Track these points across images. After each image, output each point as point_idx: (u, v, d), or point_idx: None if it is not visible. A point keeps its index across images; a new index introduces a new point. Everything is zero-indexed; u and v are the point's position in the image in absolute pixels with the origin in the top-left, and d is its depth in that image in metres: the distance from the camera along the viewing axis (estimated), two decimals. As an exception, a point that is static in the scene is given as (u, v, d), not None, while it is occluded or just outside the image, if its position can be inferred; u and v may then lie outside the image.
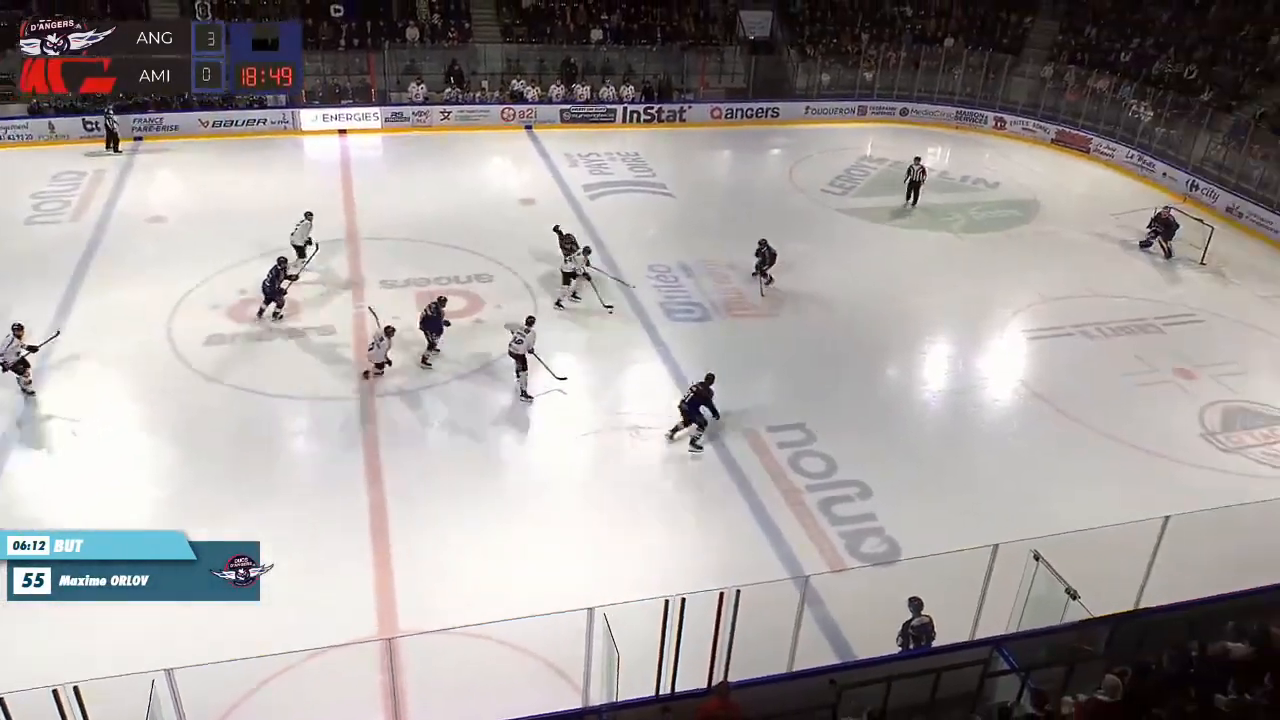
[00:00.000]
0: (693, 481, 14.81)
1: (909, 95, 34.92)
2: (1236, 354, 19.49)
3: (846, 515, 14.06)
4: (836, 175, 28.72)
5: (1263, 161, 27.57)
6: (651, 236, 23.51)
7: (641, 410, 16.34)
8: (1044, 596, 10.55)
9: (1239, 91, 30.55)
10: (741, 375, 17.69)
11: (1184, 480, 15.28)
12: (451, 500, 13.91)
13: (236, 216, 22.84)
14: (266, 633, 10.08)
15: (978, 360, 19.22)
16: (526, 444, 15.69)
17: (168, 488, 13.99)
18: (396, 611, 11.95)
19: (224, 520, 12.43)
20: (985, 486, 15.02)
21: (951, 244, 24.44)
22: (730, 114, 33.29)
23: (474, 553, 12.91)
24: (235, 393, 16.22)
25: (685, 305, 20.04)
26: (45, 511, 13.21)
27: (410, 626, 11.41)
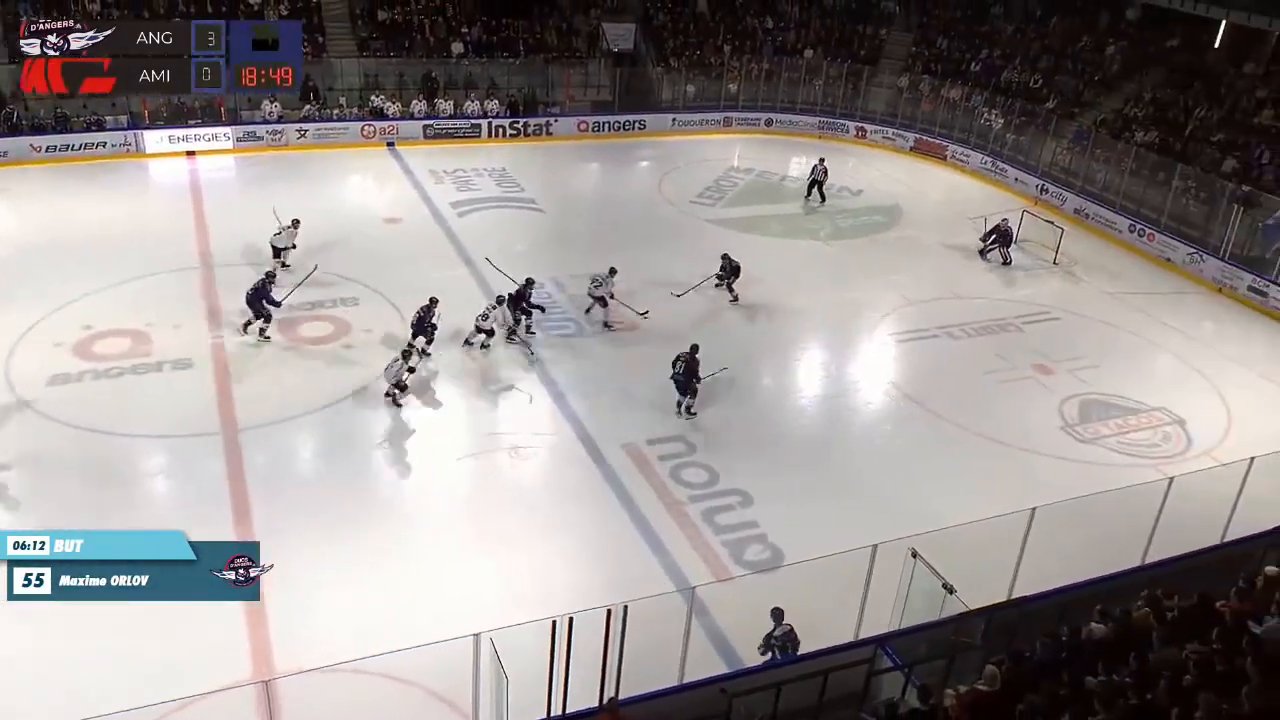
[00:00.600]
0: (575, 498, 14.86)
1: (773, 106, 35.92)
2: (1089, 349, 20.72)
3: (729, 524, 14.34)
4: (705, 186, 29.30)
5: (1105, 165, 29.43)
6: (522, 252, 23.51)
7: (520, 429, 16.32)
8: (923, 593, 11.01)
9: (1080, 99, 32.56)
10: (619, 389, 17.87)
11: (1047, 472, 16.15)
12: (325, 533, 13.59)
13: (79, 247, 21.76)
14: (136, 682, 9.67)
15: (849, 364, 19.90)
16: (402, 471, 15.47)
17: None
18: (271, 652, 11.60)
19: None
20: (863, 488, 15.56)
21: (820, 251, 25.25)
22: (597, 127, 33.60)
23: (351, 585, 12.64)
24: (85, 435, 15.46)
25: (560, 321, 20.11)
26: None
27: (287, 666, 11.08)
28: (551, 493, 15.03)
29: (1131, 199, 28.15)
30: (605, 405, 17.26)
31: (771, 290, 22.23)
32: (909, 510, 14.24)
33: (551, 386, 17.67)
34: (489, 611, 10.96)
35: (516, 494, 14.92)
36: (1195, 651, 9.17)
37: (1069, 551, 13.10)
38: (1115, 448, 17.18)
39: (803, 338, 20.46)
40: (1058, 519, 12.27)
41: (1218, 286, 24.71)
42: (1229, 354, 21.07)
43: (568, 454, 15.85)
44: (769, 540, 14.03)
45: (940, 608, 10.74)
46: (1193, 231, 26.43)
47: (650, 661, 10.36)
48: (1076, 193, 29.12)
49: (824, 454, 16.58)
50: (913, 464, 16.38)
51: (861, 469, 16.25)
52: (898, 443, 17.20)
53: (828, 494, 15.28)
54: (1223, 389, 19.32)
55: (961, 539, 11.69)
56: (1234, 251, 25.14)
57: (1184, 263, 25.59)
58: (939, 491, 15.34)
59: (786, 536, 14.03)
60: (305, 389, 16.93)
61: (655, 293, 21.32)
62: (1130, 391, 18.92)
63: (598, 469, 15.50)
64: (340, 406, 16.63)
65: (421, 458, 15.62)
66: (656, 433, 16.46)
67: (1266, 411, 18.77)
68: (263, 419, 16.04)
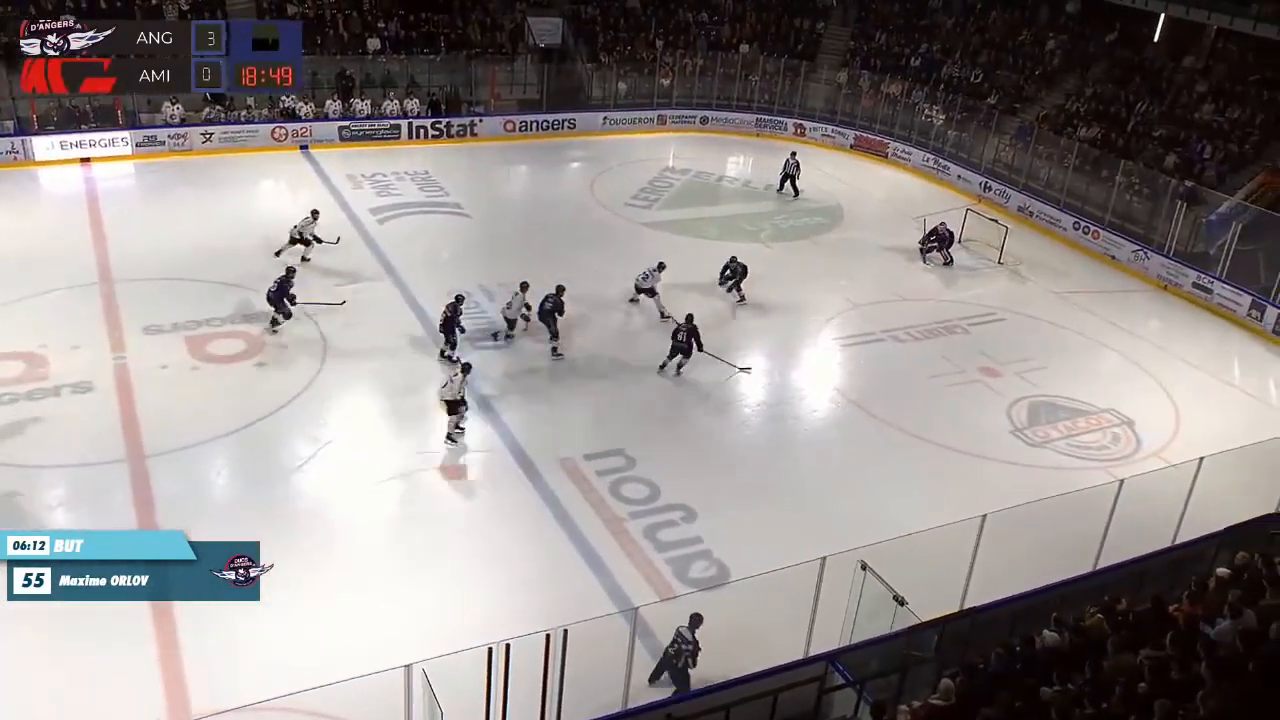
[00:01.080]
0: (511, 518, 14.81)
1: (708, 103, 36.25)
2: (1036, 350, 21.25)
3: (672, 540, 14.42)
4: (640, 187, 29.46)
5: (1047, 162, 30.23)
6: (448, 260, 23.40)
7: (450, 446, 16.22)
8: (874, 605, 11.18)
9: (1022, 94, 33.42)
10: (554, 401, 17.88)
11: (997, 477, 16.52)
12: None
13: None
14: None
15: (793, 371, 20.15)
16: (324, 496, 15.24)
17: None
18: (188, 693, 11.37)
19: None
20: (810, 499, 15.76)
21: (760, 254, 25.49)
22: (524, 126, 33.58)
23: (273, 619, 12.40)
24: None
25: (489, 330, 20.04)
26: None
27: (205, 708, 10.87)
28: (485, 513, 14.97)
29: (1075, 196, 28.95)
30: (540, 420, 17.25)
31: (710, 295, 22.41)
32: (857, 520, 14.48)
33: (481, 401, 17.59)
34: (421, 641, 10.86)
35: (448, 515, 14.82)
36: (1150, 656, 9.45)
37: (1021, 558, 13.42)
38: (1065, 451, 17.63)
39: (744, 343, 20.65)
40: (1009, 525, 12.56)
41: (1163, 284, 25.50)
42: (1176, 352, 21.76)
43: (501, 472, 15.80)
44: (714, 556, 14.13)
45: (892, 621, 10.92)
46: (1137, 228, 27.27)
47: (592, 687, 10.39)
48: (1020, 190, 29.85)
49: (769, 465, 16.75)
50: (860, 472, 16.63)
51: (808, 479, 16.45)
52: (844, 451, 17.44)
53: (773, 506, 15.45)
54: (1170, 388, 19.95)
55: (911, 549, 11.92)
56: (1178, 248, 26.00)
57: (1129, 260, 26.37)
58: (887, 500, 15.60)
59: (732, 552, 14.15)
60: (217, 411, 16.63)
61: (590, 299, 21.38)
62: (1078, 393, 19.44)
63: (533, 487, 15.47)
64: (256, 429, 16.37)
65: (344, 481, 15.43)
66: (594, 447, 16.49)
67: (1214, 409, 19.43)
68: (172, 444, 15.71)
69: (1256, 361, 22.21)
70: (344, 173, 28.55)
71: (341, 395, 17.47)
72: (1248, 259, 24.38)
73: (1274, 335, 22.78)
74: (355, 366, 18.31)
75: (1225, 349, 22.60)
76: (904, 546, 11.77)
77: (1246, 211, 25.39)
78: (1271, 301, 23.02)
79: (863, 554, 11.17)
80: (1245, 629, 9.76)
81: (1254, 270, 24.27)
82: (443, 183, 28.40)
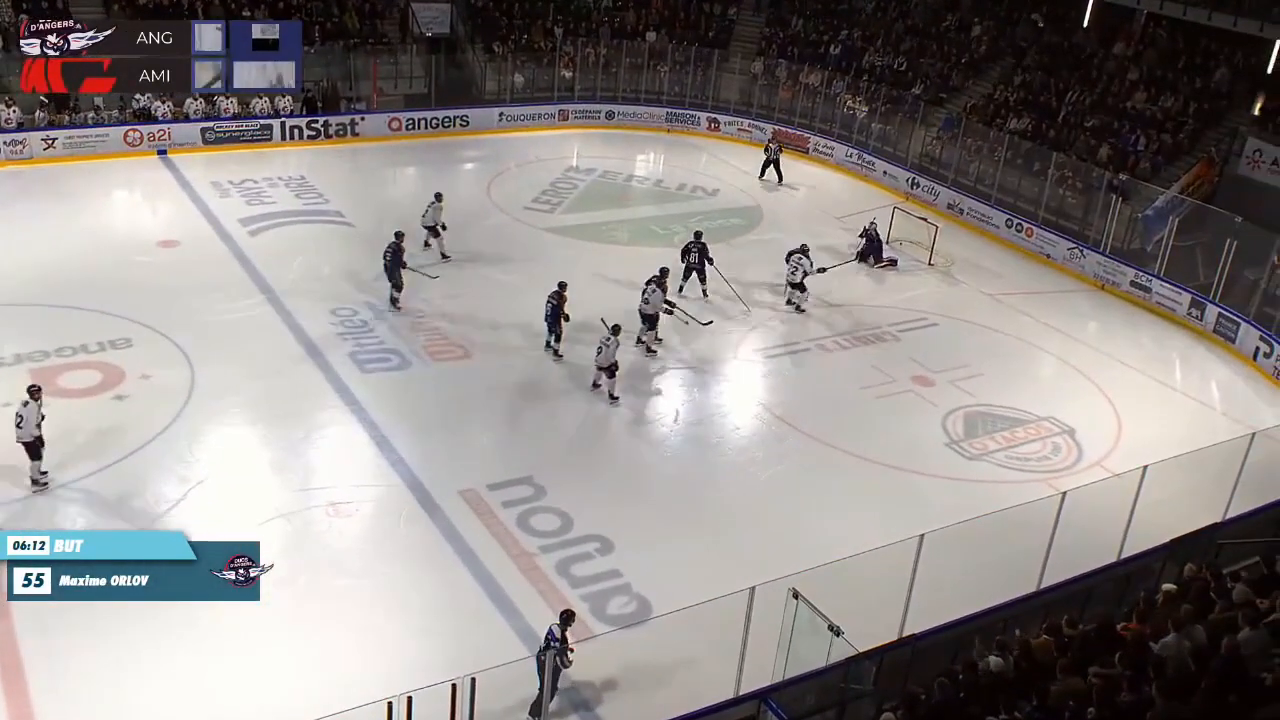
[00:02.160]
0: (408, 558, 14.70)
1: (614, 96, 36.53)
2: (971, 356, 21.87)
3: (588, 575, 14.47)
4: (541, 190, 29.55)
5: (977, 155, 31.16)
6: (329, 274, 23.15)
7: (338, 481, 16.05)
8: (808, 637, 11.38)
9: (948, 84, 34.40)
10: (454, 428, 17.82)
11: (934, 494, 16.96)
12: (105, 618, 12.97)
13: None
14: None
15: (713, 386, 20.38)
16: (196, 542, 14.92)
17: None
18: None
19: None
20: (736, 524, 15.95)
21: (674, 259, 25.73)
22: (412, 124, 33.41)
23: (144, 681, 12.16)
24: None
25: (379, 353, 19.88)
26: None
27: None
28: (380, 554, 14.82)
29: (1007, 191, 29.91)
30: (437, 448, 17.17)
31: (620, 303, 22.53)
32: (788, 546, 14.72)
33: (373, 430, 17.45)
34: (312, 697, 10.74)
35: (338, 558, 14.65)
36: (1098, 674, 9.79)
37: (961, 579, 13.81)
38: (1004, 463, 18.17)
39: (658, 357, 20.82)
40: (948, 545, 12.90)
41: (1100, 283, 26.46)
42: (1115, 354, 22.59)
43: (396, 507, 15.68)
44: (634, 590, 14.22)
45: (827, 652, 11.13)
46: (1071, 225, 28.28)
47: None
48: (949, 186, 30.72)
49: (691, 489, 16.92)
50: (788, 494, 16.90)
51: (732, 503, 16.65)
52: (771, 471, 17.71)
53: (697, 533, 15.61)
54: (1110, 393, 20.70)
55: (846, 574, 12.18)
56: (1114, 245, 27.03)
57: (1064, 259, 27.31)
58: (819, 523, 15.89)
59: (653, 585, 14.25)
60: (70, 449, 16.17)
61: (488, 315, 21.36)
62: (1016, 401, 20.05)
63: (432, 522, 15.39)
64: (115, 470, 15.95)
65: (219, 524, 15.06)
66: (498, 476, 16.46)
67: (1155, 413, 20.23)
68: (14, 493, 15.23)
69: (1198, 363, 23.17)
70: (208, 179, 28.03)
71: (213, 429, 17.14)
72: (1186, 255, 25.47)
73: (1215, 335, 23.78)
74: (227, 396, 17.99)
75: (1165, 351, 23.54)
76: (838, 572, 12.03)
77: (1183, 205, 26.54)
78: (1211, 300, 24.03)
79: (794, 582, 11.36)
80: (1195, 645, 10.18)
81: (1192, 267, 25.36)
82: (321, 189, 28.08)
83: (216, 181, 27.95)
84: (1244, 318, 23.23)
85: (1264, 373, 22.06)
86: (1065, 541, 13.94)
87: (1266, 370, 22.01)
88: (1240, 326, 23.18)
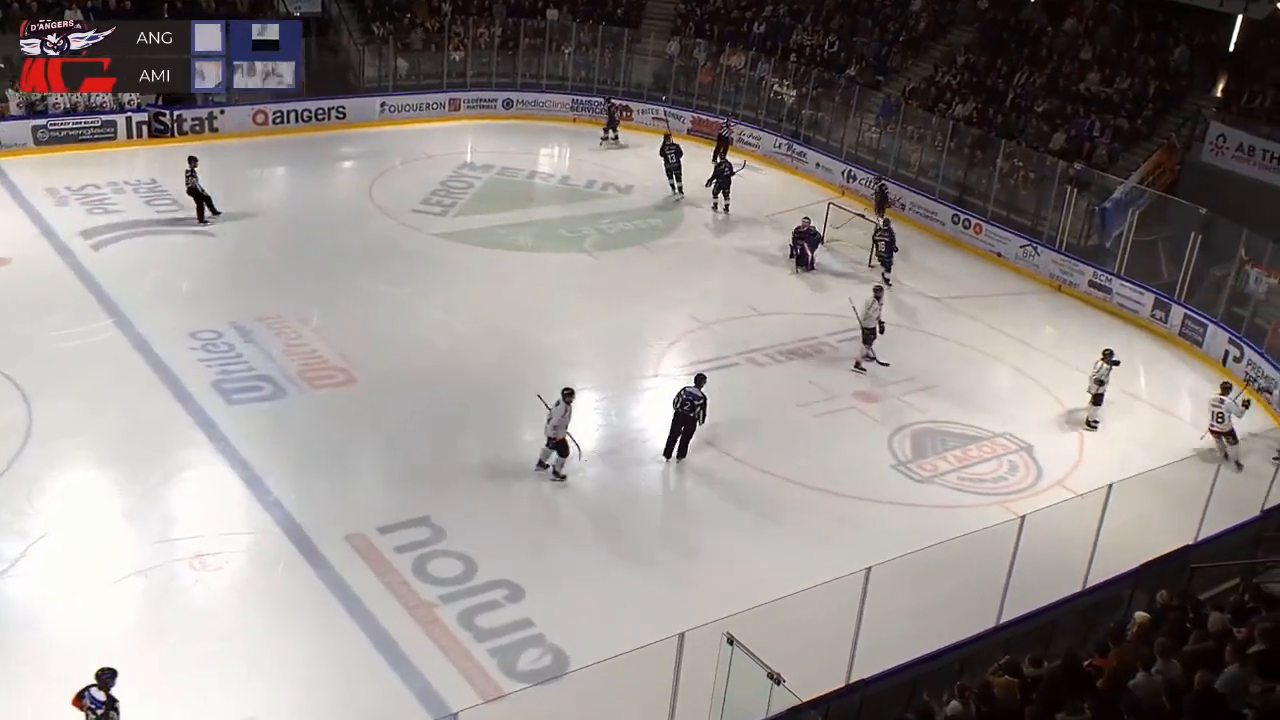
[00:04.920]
0: (289, 614, 14.55)
1: (512, 83, 36.61)
2: (917, 368, 22.33)
3: (496, 626, 14.45)
4: (432, 190, 29.51)
5: (919, 144, 31.77)
6: (187, 292, 22.84)
7: (204, 530, 15.83)
8: (745, 686, 11.48)
9: (885, 65, 35.08)
10: (338, 464, 17.68)
11: (881, 522, 17.26)
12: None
13: None
14: None
15: (633, 408, 20.50)
16: (41, 606, 14.57)
17: None
18: None
19: None
20: (661, 562, 16.08)
21: (585, 265, 25.91)
22: (279, 118, 33.08)
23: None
24: None
25: (248, 381, 19.67)
26: None
27: None
28: (255, 611, 14.64)
29: (953, 184, 30.57)
30: (318, 487, 17.02)
31: (525, 318, 22.64)
32: (719, 585, 14.89)
33: (243, 469, 17.24)
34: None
35: (206, 618, 14.42)
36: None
37: (914, 616, 14.11)
38: (957, 485, 18.57)
39: (568, 377, 20.80)
40: (898, 578, 13.15)
41: (1057, 284, 27.19)
42: (1074, 363, 23.10)
43: (273, 556, 15.51)
44: (548, 641, 14.23)
45: (768, 703, 11.23)
46: (1024, 220, 29.02)
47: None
48: (889, 178, 31.26)
49: (609, 525, 17.00)
50: (719, 527, 17.06)
51: (658, 538, 16.78)
52: (700, 502, 17.86)
53: (618, 573, 15.69)
54: (1071, 405, 21.23)
55: (785, 614, 12.35)
56: (1071, 242, 27.80)
57: (1017, 257, 28.01)
58: (753, 558, 16.07)
59: (570, 634, 14.28)
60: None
61: (375, 333, 21.26)
62: (968, 416, 20.51)
63: (315, 572, 15.24)
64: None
65: (68, 584, 14.82)
66: (391, 517, 16.37)
67: (1120, 427, 20.81)
68: None
69: (1163, 369, 23.91)
70: (42, 186, 27.44)
71: (55, 475, 16.78)
72: (1148, 251, 26.27)
73: (1181, 338, 24.57)
74: (71, 436, 17.65)
75: (1128, 357, 24.06)
76: (776, 612, 12.18)
77: (1143, 196, 27.37)
78: (1176, 300, 24.80)
79: (728, 625, 11.45)
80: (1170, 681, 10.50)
81: (1155, 264, 26.16)
82: (176, 194, 27.59)
83: (52, 188, 27.39)
84: (1211, 319, 24.01)
85: (1235, 378, 22.78)
86: (1026, 570, 14.25)
87: (1238, 376, 22.68)
88: (1208, 328, 23.96)
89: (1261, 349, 22.71)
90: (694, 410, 18.11)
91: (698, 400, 18.08)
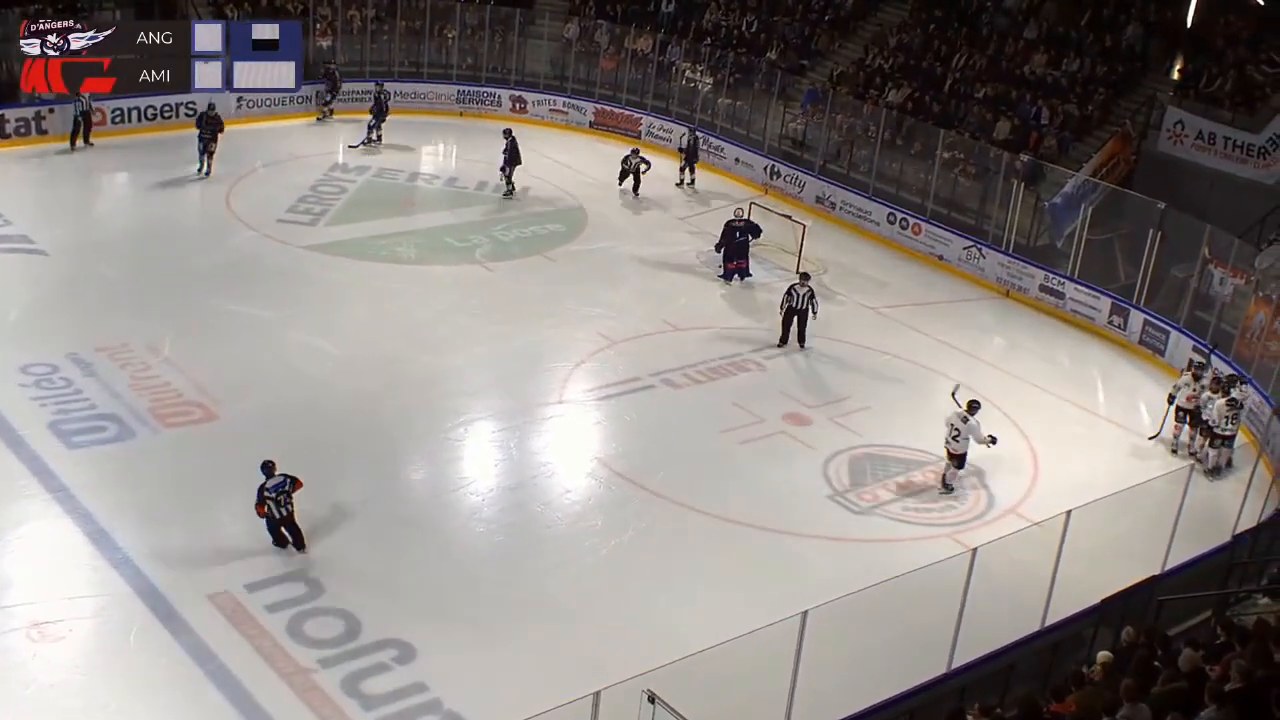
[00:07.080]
0: (146, 686, 14.35)
1: (388, 73, 36.43)
2: (853, 386, 22.68)
3: (384, 691, 14.39)
4: (299, 196, 29.36)
5: (849, 136, 32.20)
6: (15, 321, 22.47)
7: (42, 594, 15.59)
8: (669, 749, 11.59)
9: (810, 47, 35.54)
10: (197, 513, 17.50)
11: (817, 559, 17.50)
12: None
13: None
14: None
15: (535, 438, 20.53)
16: None
17: None
18: None
19: None
20: (572, 612, 16.09)
21: (477, 278, 25.92)
22: (119, 116, 32.62)
23: None
24: None
25: (90, 421, 19.37)
26: None
27: None
28: (105, 686, 14.43)
29: (887, 179, 31.05)
30: (176, 541, 16.81)
31: (410, 341, 22.57)
32: (638, 637, 14.97)
33: (87, 523, 16.96)
34: None
35: (47, 695, 14.19)
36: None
37: (856, 663, 14.33)
38: (900, 515, 18.86)
39: (460, 407, 20.90)
40: (836, 621, 13.34)
41: (1004, 289, 27.75)
42: (1026, 376, 23.66)
43: (124, 621, 15.28)
44: (445, 708, 14.20)
45: (695, 767, 11.35)
46: (967, 219, 29.56)
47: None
48: (817, 174, 31.73)
49: (512, 572, 17.00)
50: (636, 571, 17.16)
51: (567, 586, 16.79)
52: (614, 542, 17.90)
53: (522, 628, 15.68)
54: (1023, 423, 21.66)
55: (713, 667, 12.45)
56: (1019, 242, 28.37)
57: (960, 260, 28.53)
58: (676, 605, 16.17)
59: (470, 698, 14.27)
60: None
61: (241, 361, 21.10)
62: (911, 438, 20.79)
63: (174, 639, 15.05)
64: None
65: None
66: (260, 572, 16.24)
67: (1077, 447, 21.31)
68: None
69: (1123, 381, 24.50)
70: None
71: None
72: (1103, 250, 26.88)
73: (1141, 347, 25.18)
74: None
75: (1085, 368, 24.82)
76: (702, 665, 12.27)
77: (1096, 190, 27.97)
78: (1135, 304, 25.42)
79: (649, 681, 11.53)
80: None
81: (1111, 265, 26.79)
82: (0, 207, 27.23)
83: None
84: (1174, 325, 24.59)
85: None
86: (979, 609, 14.47)
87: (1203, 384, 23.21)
88: (1170, 335, 24.53)
89: (1229, 357, 23.07)
90: (803, 303, 23.13)
91: (802, 292, 23.25)
